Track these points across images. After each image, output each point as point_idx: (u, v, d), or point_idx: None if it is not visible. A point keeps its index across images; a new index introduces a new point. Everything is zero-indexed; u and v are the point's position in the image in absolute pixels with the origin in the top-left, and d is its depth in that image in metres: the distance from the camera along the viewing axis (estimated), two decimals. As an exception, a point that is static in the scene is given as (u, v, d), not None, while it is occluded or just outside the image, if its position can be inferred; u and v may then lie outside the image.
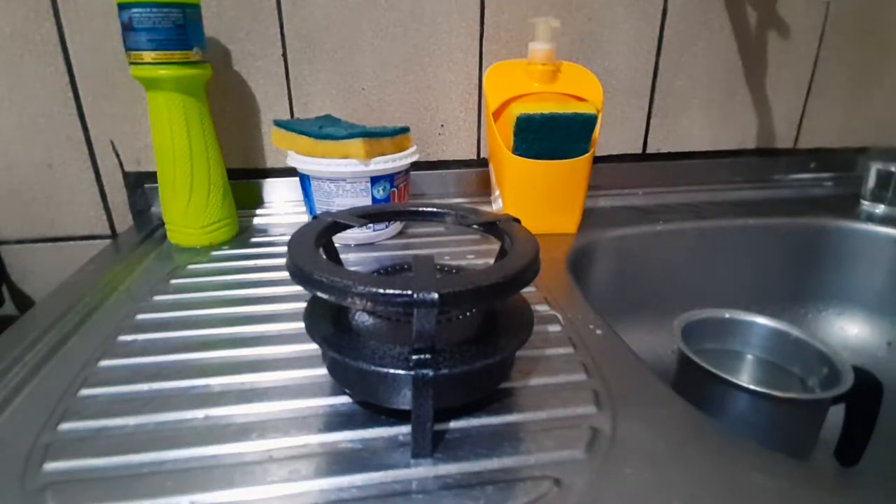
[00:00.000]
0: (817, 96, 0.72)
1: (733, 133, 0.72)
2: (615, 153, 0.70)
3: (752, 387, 0.39)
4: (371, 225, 0.49)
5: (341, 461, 0.26)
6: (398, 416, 0.29)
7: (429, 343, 0.25)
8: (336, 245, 0.35)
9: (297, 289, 0.34)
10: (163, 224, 0.54)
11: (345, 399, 0.30)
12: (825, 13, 0.68)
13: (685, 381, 0.44)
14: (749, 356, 0.48)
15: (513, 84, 0.54)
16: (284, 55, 0.60)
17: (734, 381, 0.39)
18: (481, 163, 0.67)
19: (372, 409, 0.29)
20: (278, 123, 0.53)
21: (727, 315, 0.48)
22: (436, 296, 0.23)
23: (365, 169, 0.49)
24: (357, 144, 0.48)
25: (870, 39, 0.70)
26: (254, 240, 0.55)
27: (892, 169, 0.64)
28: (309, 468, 0.26)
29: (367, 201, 0.51)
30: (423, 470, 0.26)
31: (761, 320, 0.47)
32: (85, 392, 0.31)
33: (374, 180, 0.50)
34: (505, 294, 0.26)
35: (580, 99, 0.54)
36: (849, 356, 0.42)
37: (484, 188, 0.66)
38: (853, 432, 0.42)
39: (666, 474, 0.25)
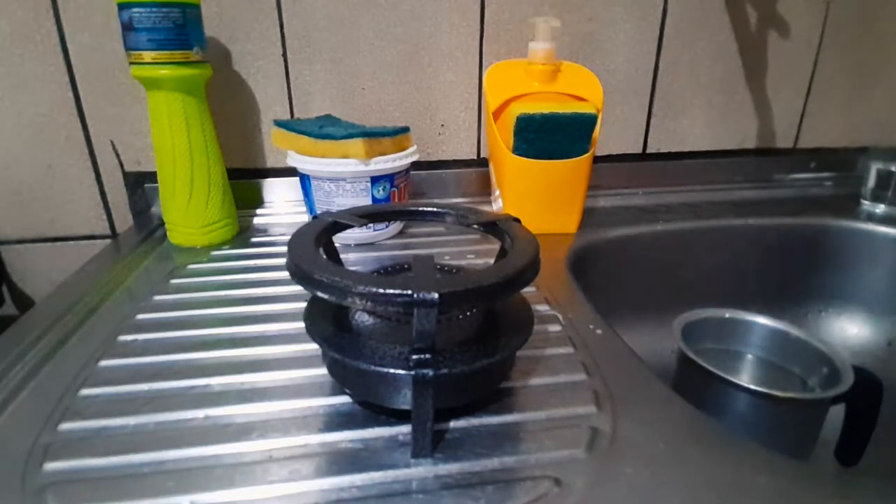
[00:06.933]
0: (817, 96, 0.72)
1: (733, 133, 0.72)
2: (615, 153, 0.70)
3: (752, 386, 0.39)
4: (371, 225, 0.49)
5: (341, 461, 0.26)
6: (398, 416, 0.29)
7: (429, 343, 0.25)
8: (336, 245, 0.35)
9: (297, 289, 0.34)
10: (163, 224, 0.54)
11: (345, 399, 0.30)
12: (825, 13, 0.68)
13: (685, 381, 0.44)
14: (749, 356, 0.48)
15: (513, 84, 0.54)
16: (284, 55, 0.60)
17: (734, 380, 0.39)
18: (481, 163, 0.67)
19: (372, 409, 0.29)
20: (278, 123, 0.53)
21: (727, 315, 0.48)
22: (436, 296, 0.23)
23: (365, 169, 0.49)
24: (357, 144, 0.48)
25: (870, 39, 0.70)
26: (254, 240, 0.55)
27: (892, 169, 0.64)
28: (309, 468, 0.26)
29: (367, 201, 0.51)
30: (423, 470, 0.26)
31: (761, 320, 0.47)
32: (85, 392, 0.31)
33: (375, 180, 0.50)
34: (505, 294, 0.26)
35: (580, 99, 0.54)
36: (849, 356, 0.42)
37: (484, 188, 0.66)
38: (853, 432, 0.42)
39: (666, 474, 0.25)
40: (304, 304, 0.32)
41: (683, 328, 0.45)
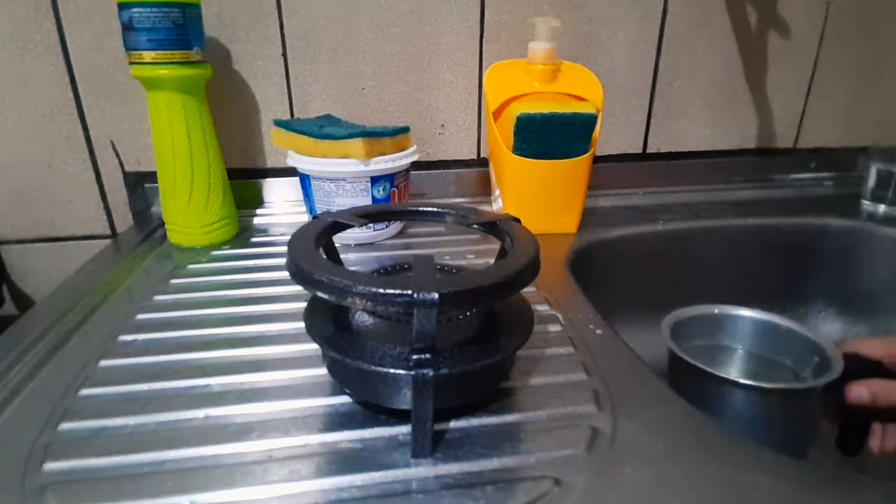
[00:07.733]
0: (817, 96, 0.71)
1: (733, 133, 0.72)
2: (615, 153, 0.70)
3: (741, 380, 0.39)
4: (371, 225, 0.49)
5: (341, 461, 0.26)
6: (398, 416, 0.29)
7: (429, 343, 0.25)
8: (336, 245, 0.35)
9: (297, 289, 0.34)
10: (163, 224, 0.54)
11: (345, 399, 0.30)
12: (825, 13, 0.68)
13: (677, 379, 0.43)
14: (740, 351, 0.48)
15: (513, 84, 0.54)
16: (284, 55, 0.60)
17: (723, 375, 0.39)
18: (481, 163, 0.67)
19: (372, 409, 0.29)
20: (278, 123, 0.53)
21: (716, 311, 0.48)
22: (436, 296, 0.23)
23: (365, 169, 0.49)
24: (357, 144, 0.48)
25: (870, 39, 0.70)
26: (254, 240, 0.55)
27: (893, 169, 0.64)
28: (309, 468, 0.26)
29: (367, 201, 0.51)
30: (423, 470, 0.26)
31: (748, 313, 0.47)
32: (85, 392, 0.31)
33: (375, 180, 0.50)
34: (505, 294, 0.26)
35: (580, 99, 0.54)
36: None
37: (484, 188, 0.66)
38: (852, 420, 0.41)
39: (666, 474, 0.25)
40: (304, 304, 0.32)
41: (673, 326, 0.45)
